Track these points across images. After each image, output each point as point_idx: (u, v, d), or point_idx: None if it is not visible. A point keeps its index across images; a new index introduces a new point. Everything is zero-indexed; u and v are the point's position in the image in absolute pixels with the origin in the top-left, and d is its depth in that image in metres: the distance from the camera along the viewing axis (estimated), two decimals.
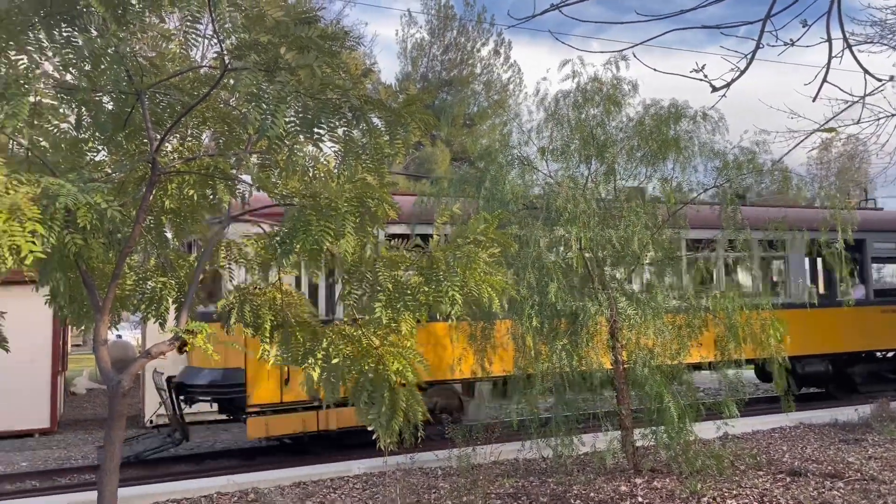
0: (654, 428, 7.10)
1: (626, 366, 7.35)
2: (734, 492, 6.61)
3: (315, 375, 5.37)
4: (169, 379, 9.38)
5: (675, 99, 7.86)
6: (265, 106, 3.65)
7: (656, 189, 8.19)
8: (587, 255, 7.48)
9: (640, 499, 6.50)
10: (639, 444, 7.50)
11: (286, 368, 8.81)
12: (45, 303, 5.65)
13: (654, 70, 4.11)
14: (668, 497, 6.50)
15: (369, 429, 5.18)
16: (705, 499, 6.42)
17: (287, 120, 3.74)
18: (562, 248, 7.41)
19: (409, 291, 4.88)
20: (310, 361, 5.41)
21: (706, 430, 7.91)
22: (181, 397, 9.36)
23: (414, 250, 5.11)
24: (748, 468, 7.52)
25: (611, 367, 7.45)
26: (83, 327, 5.75)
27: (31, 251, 3.56)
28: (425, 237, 5.71)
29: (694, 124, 7.77)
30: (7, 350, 5.12)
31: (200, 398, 9.46)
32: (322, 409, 9.07)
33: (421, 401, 5.36)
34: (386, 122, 4.37)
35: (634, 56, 4.56)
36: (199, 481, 7.52)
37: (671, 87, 7.46)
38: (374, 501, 6.68)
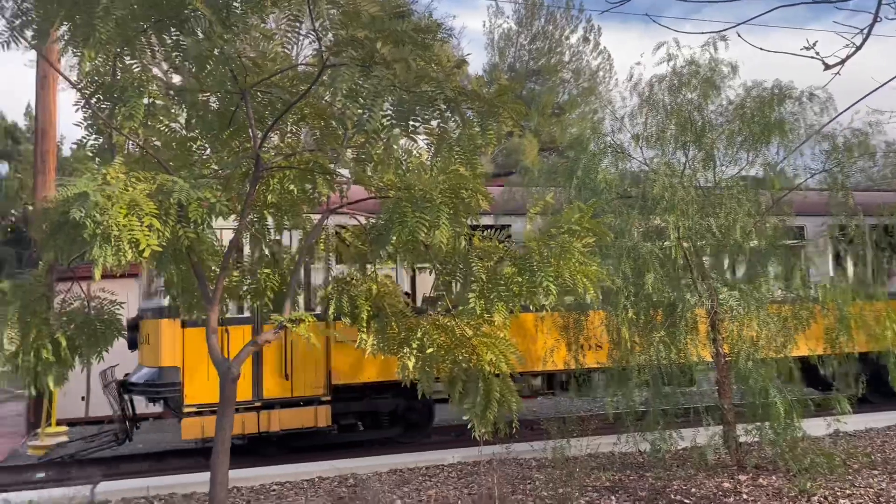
0: (758, 423, 6.82)
1: (727, 359, 7.09)
2: (847, 491, 6.27)
3: (410, 365, 5.47)
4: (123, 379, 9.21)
5: (779, 80, 7.50)
6: (362, 101, 3.73)
7: (759, 174, 7.83)
8: (685, 244, 7.25)
9: (745, 496, 6.27)
10: (742, 439, 7.23)
11: None
12: (160, 294, 5.99)
13: (761, 49, 3.93)
14: (775, 495, 6.24)
15: (465, 418, 5.22)
16: (815, 497, 6.12)
17: (383, 114, 3.81)
18: (659, 238, 7.22)
19: (502, 282, 4.88)
20: (405, 351, 5.51)
21: (815, 427, 7.53)
22: (125, 396, 9.15)
23: (507, 241, 5.11)
24: (861, 467, 7.11)
25: (711, 359, 7.21)
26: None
27: (149, 244, 3.78)
28: (504, 228, 5.70)
29: (800, 106, 7.38)
30: (125, 338, 5.48)
31: (140, 396, 9.25)
32: (263, 411, 8.73)
33: (515, 391, 5.36)
34: (478, 112, 4.37)
35: (739, 35, 4.36)
36: (302, 465, 7.79)
37: (773, 68, 7.09)
38: (470, 490, 6.74)
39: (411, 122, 3.89)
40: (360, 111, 3.74)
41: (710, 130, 7.47)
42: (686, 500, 6.28)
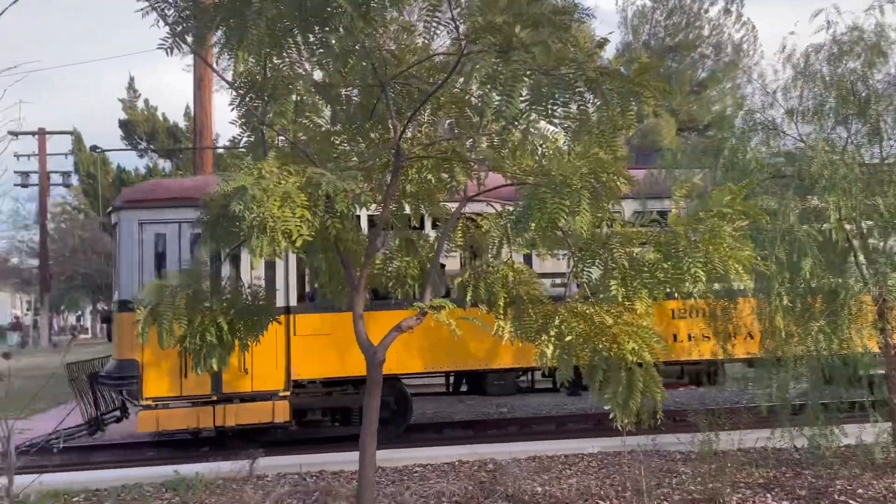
0: None
1: None
2: None
3: (549, 352, 5.42)
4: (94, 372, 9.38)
5: None
6: (501, 87, 3.70)
7: None
8: (848, 226, 6.68)
9: None
10: None
11: (184, 361, 8.38)
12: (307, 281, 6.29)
13: None
14: None
15: (607, 408, 5.10)
16: None
17: (522, 99, 3.77)
18: (817, 219, 6.70)
19: (645, 269, 4.72)
20: (543, 338, 5.46)
21: None
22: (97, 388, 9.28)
23: (650, 225, 4.93)
24: None
25: (879, 350, 6.62)
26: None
27: (301, 234, 3.97)
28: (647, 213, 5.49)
29: None
30: (279, 322, 5.81)
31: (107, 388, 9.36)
32: (219, 405, 8.63)
33: (659, 381, 5.18)
34: (618, 93, 4.23)
35: None
36: (443, 449, 7.96)
37: None
38: (611, 480, 6.61)
39: (550, 106, 3.82)
40: (498, 98, 3.72)
41: (877, 102, 6.81)
42: (852, 502, 5.83)
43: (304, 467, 7.26)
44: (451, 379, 11.40)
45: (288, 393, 8.81)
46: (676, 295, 5.18)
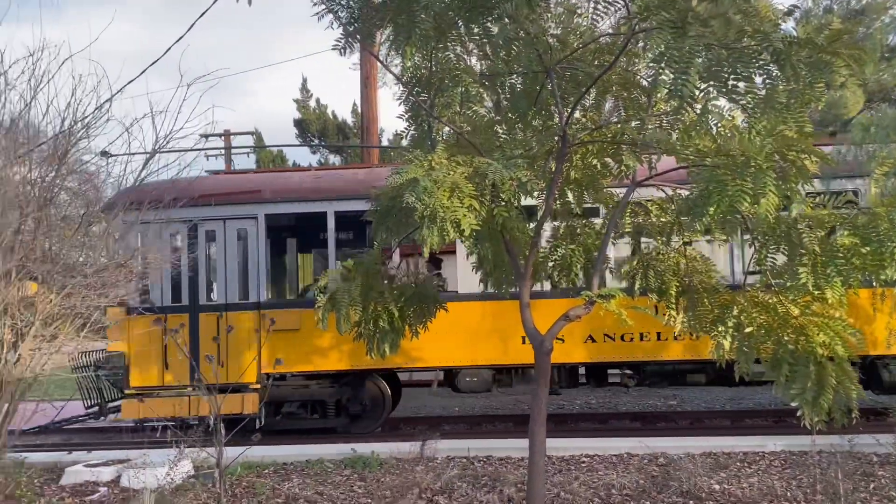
0: None
1: None
2: None
3: (726, 344, 5.12)
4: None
5: None
6: (675, 64, 3.52)
7: None
8: None
9: None
10: None
11: (166, 352, 8.76)
12: (473, 269, 6.38)
13: None
14: None
15: (794, 405, 4.74)
16: None
17: (699, 76, 3.55)
18: None
19: (840, 254, 4.32)
20: (719, 329, 5.18)
21: None
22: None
23: (846, 207, 4.50)
24: None
25: None
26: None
27: (469, 223, 4.02)
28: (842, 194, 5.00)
29: None
30: (446, 310, 5.94)
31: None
32: (193, 396, 8.84)
33: (854, 377, 4.74)
34: (806, 64, 3.88)
35: None
36: (611, 440, 7.80)
37: None
38: (798, 482, 6.15)
39: (731, 82, 3.57)
40: (672, 76, 3.53)
41: None
42: None
43: (471, 451, 7.41)
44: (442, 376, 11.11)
45: (259, 385, 9.18)
46: (874, 283, 4.70)
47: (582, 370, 10.05)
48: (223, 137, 24.71)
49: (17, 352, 6.42)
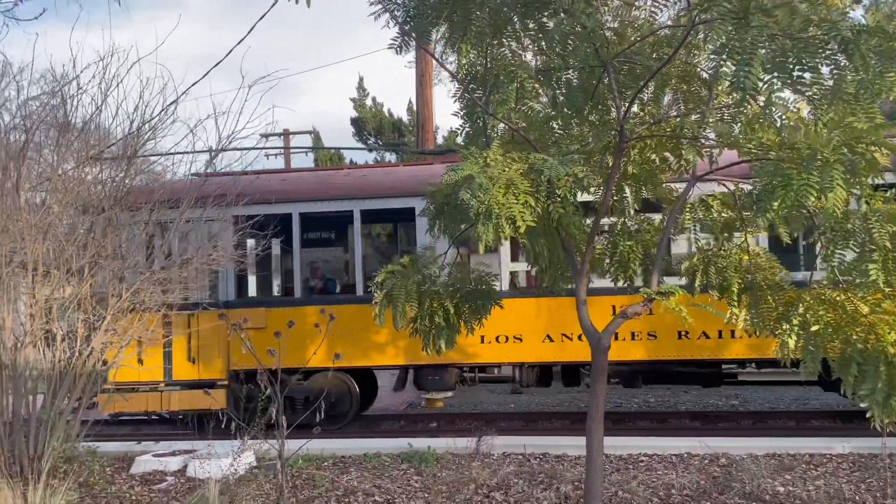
0: None
1: None
2: None
3: (791, 343, 4.98)
4: None
5: None
6: (738, 57, 3.43)
7: None
8: None
9: None
10: None
11: (140, 349, 8.88)
12: (529, 267, 6.37)
13: None
14: None
15: (863, 406, 4.58)
16: None
17: (762, 67, 3.46)
18: None
19: None
20: (784, 327, 5.04)
21: None
22: None
23: None
24: None
25: None
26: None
27: (524, 220, 4.01)
28: None
29: None
30: (501, 307, 5.94)
31: None
32: (165, 391, 9.22)
33: None
34: (875, 53, 3.73)
35: None
36: (670, 440, 7.67)
37: None
38: (868, 485, 5.93)
39: (796, 73, 3.46)
40: (735, 67, 3.45)
41: None
42: None
43: (527, 448, 7.39)
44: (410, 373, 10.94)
45: (226, 382, 9.37)
46: None
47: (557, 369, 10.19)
48: (282, 137, 25.21)
49: (90, 345, 6.72)
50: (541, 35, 4.81)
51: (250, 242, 11.03)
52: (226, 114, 7.97)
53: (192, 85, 9.08)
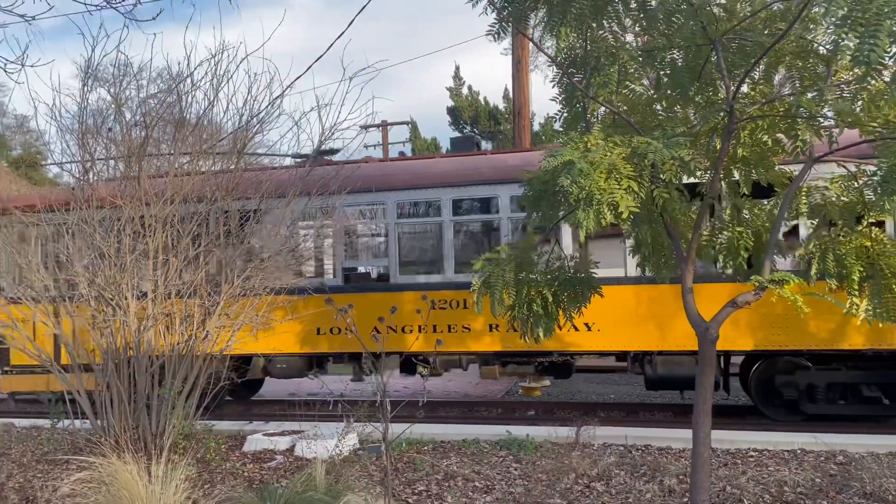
0: None
1: None
2: None
3: None
4: None
5: None
6: (861, 29, 3.21)
7: None
8: None
9: None
10: None
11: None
12: (630, 254, 6.22)
13: None
14: None
15: None
16: None
17: (890, 40, 3.22)
18: None
19: None
20: None
21: None
22: None
23: None
24: None
25: None
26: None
27: (627, 206, 3.91)
28: None
29: None
30: (601, 295, 5.82)
31: None
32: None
33: None
34: None
35: None
36: (781, 435, 7.33)
37: None
38: None
39: None
40: (857, 41, 3.22)
41: None
42: None
43: (629, 439, 7.25)
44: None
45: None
46: None
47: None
48: (381, 128, 25.69)
49: (205, 328, 7.10)
50: (643, 14, 4.66)
51: (352, 229, 11.40)
52: (328, 106, 8.17)
53: (297, 79, 9.43)
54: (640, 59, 4.80)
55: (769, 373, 8.94)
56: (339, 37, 7.58)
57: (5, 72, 5.44)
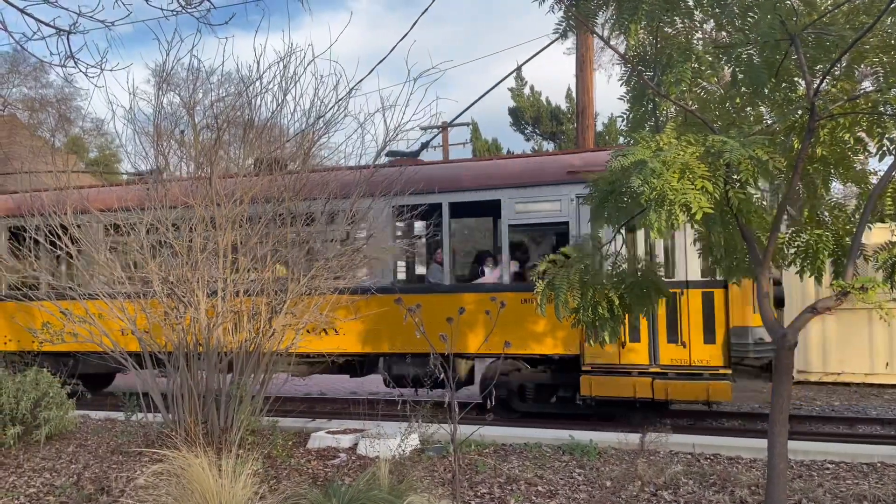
0: None
1: None
2: None
3: None
4: None
5: None
6: None
7: None
8: None
9: None
10: None
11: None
12: (698, 255, 6.05)
13: None
14: None
15: None
16: None
17: None
18: None
19: None
20: None
21: None
22: None
23: None
24: None
25: None
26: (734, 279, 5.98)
27: (700, 207, 3.79)
28: None
29: None
30: (668, 297, 5.67)
31: None
32: None
33: None
34: None
35: None
36: (859, 446, 7.01)
37: None
38: None
39: None
40: None
41: None
42: None
43: (697, 447, 7.04)
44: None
45: None
46: None
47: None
48: (442, 130, 25.77)
49: (272, 326, 7.23)
50: (718, 10, 4.52)
51: (415, 229, 11.45)
52: (392, 107, 8.20)
53: (362, 80, 9.54)
54: (716, 55, 4.65)
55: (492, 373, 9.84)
56: (402, 37, 7.66)
57: (86, 76, 5.66)
